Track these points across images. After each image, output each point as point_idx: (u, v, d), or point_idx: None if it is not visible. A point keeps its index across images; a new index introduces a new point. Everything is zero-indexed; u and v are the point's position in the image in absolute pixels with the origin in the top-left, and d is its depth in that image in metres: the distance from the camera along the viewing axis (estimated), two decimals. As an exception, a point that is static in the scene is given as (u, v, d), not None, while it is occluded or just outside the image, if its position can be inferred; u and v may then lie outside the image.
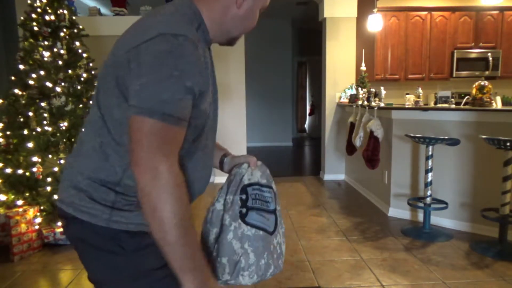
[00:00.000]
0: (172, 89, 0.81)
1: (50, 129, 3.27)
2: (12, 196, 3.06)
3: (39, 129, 3.23)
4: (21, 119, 3.26)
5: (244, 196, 1.03)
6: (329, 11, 5.16)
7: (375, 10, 4.68)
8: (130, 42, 0.86)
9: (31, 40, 3.36)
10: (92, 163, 0.93)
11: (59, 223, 3.08)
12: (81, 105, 3.48)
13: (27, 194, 3.12)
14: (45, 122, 3.26)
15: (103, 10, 5.80)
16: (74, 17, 3.67)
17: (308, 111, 11.14)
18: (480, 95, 3.50)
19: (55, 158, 3.27)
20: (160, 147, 0.81)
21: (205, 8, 0.94)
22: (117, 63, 0.88)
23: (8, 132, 3.24)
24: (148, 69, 0.81)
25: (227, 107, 5.14)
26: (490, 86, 3.50)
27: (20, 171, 3.11)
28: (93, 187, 0.92)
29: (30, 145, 3.15)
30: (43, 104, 3.32)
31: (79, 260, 0.98)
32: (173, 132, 0.83)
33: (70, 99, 3.45)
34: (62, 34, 3.48)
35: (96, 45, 4.82)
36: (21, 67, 3.31)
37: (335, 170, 5.48)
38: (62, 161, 3.26)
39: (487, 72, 5.25)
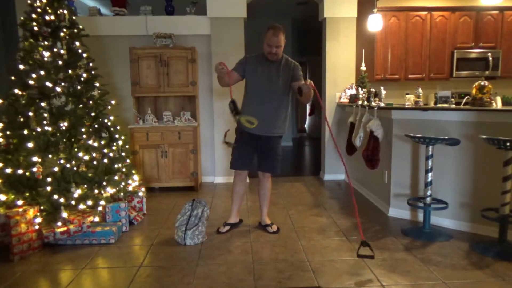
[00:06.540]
0: None
1: (50, 129, 3.27)
2: (12, 196, 3.06)
3: (39, 129, 3.23)
4: (21, 119, 3.26)
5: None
6: (329, 11, 5.17)
7: (375, 10, 4.69)
8: None
9: (31, 40, 3.36)
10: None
11: (59, 223, 3.09)
12: (81, 105, 3.48)
13: (27, 194, 3.12)
14: (45, 122, 3.26)
15: (103, 10, 5.80)
16: (74, 17, 3.66)
17: (308, 111, 11.14)
18: (480, 95, 3.50)
19: (55, 158, 3.27)
20: None
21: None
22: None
23: (8, 132, 3.24)
24: None
25: (228, 107, 5.13)
26: (490, 86, 3.50)
27: (20, 171, 3.11)
28: None
29: (30, 145, 3.14)
30: (43, 104, 3.32)
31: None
32: None
33: (70, 99, 3.45)
34: (62, 34, 3.48)
35: (96, 45, 4.82)
36: (21, 67, 3.30)
37: (335, 170, 5.48)
38: (62, 161, 3.26)
39: (487, 72, 5.25)
